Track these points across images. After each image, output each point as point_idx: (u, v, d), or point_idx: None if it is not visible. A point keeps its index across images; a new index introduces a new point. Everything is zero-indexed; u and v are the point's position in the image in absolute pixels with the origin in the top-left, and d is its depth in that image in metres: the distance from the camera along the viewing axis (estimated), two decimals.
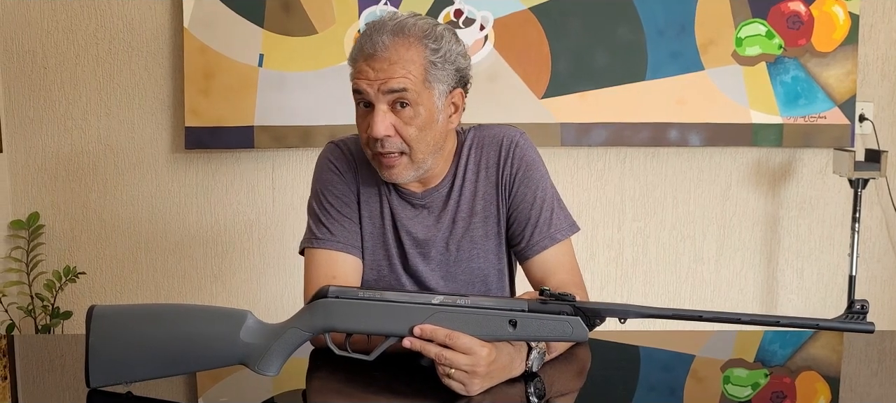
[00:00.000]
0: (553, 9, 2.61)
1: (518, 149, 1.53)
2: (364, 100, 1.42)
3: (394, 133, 1.41)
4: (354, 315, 1.18)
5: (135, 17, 2.62)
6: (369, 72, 1.39)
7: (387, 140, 1.41)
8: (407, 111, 1.40)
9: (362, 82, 1.40)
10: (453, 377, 1.17)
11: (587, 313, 1.18)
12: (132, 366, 1.18)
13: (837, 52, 2.66)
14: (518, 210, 1.53)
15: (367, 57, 1.40)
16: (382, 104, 1.40)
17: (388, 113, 1.40)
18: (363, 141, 1.46)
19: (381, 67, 1.38)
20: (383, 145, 1.41)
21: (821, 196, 2.83)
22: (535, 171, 1.54)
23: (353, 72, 1.43)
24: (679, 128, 2.67)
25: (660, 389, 1.33)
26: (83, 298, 2.73)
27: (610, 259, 2.82)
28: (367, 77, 1.39)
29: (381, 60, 1.38)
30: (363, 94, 1.41)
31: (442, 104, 1.44)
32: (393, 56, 1.38)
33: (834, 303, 2.87)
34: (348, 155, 1.56)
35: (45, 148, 2.67)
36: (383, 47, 1.38)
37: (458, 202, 1.54)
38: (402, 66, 1.38)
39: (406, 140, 1.41)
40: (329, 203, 1.53)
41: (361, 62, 1.41)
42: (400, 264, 1.55)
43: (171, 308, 1.26)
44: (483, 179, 1.54)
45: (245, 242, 2.75)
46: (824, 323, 1.15)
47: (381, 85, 1.38)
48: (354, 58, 1.43)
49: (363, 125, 1.44)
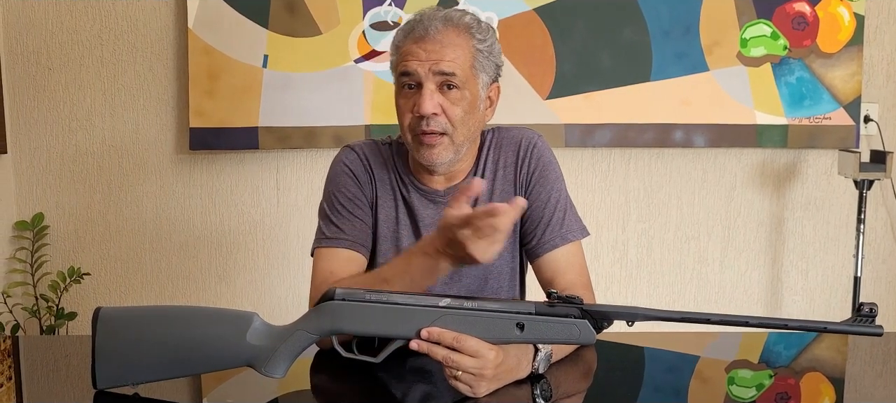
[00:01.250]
0: (558, 10, 2.61)
1: (536, 150, 1.57)
2: (412, 81, 1.46)
3: (440, 112, 1.45)
4: (361, 317, 1.18)
5: (139, 17, 2.62)
6: (420, 53, 1.44)
7: (433, 119, 1.45)
8: (454, 92, 1.45)
9: (412, 62, 1.44)
10: (460, 379, 1.17)
11: (595, 316, 1.18)
12: (138, 368, 1.18)
13: (842, 53, 2.66)
14: (532, 208, 1.56)
15: (417, 39, 1.45)
16: (431, 84, 1.44)
17: (436, 92, 1.45)
18: (405, 123, 1.48)
19: (433, 49, 1.43)
20: (429, 123, 1.45)
21: (826, 197, 2.83)
22: (552, 172, 1.58)
23: (398, 56, 1.48)
24: (684, 129, 2.67)
25: (665, 390, 1.33)
26: (88, 299, 2.73)
27: (614, 260, 2.82)
28: (418, 58, 1.44)
29: (433, 42, 1.44)
30: (412, 75, 1.45)
31: (484, 94, 1.50)
32: (444, 39, 1.44)
33: (839, 305, 2.87)
34: (363, 158, 1.58)
35: (50, 149, 2.67)
36: (436, 30, 1.44)
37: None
38: (452, 49, 1.44)
39: (451, 120, 1.46)
40: (340, 203, 1.55)
41: (411, 44, 1.45)
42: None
43: (177, 310, 1.26)
44: (501, 178, 1.58)
45: (249, 243, 2.75)
46: (833, 326, 1.15)
47: (433, 65, 1.43)
48: (401, 41, 1.48)
49: (408, 105, 1.47)
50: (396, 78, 1.49)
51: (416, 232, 1.56)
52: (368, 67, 2.60)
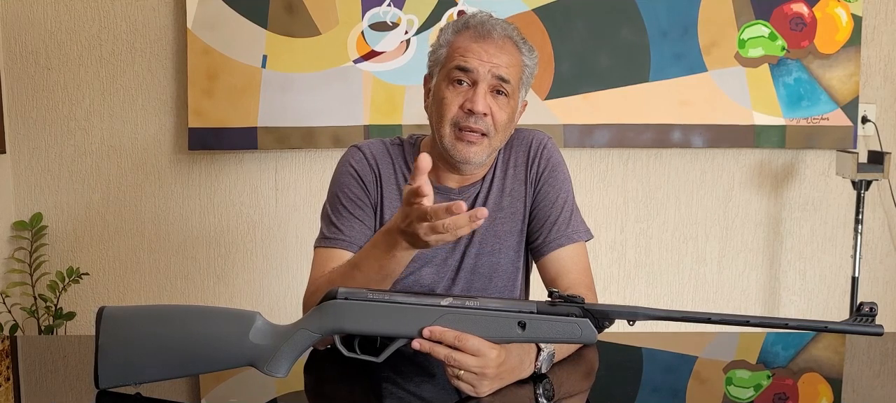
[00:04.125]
0: (556, 10, 2.61)
1: (546, 151, 1.61)
2: (467, 78, 1.48)
3: (489, 113, 1.48)
4: (363, 316, 1.18)
5: (138, 18, 2.62)
6: (482, 53, 1.48)
7: (482, 118, 1.48)
8: (502, 99, 1.50)
9: (473, 60, 1.48)
10: (462, 378, 1.17)
11: (596, 315, 1.18)
12: (141, 368, 1.18)
13: (840, 54, 2.67)
14: (540, 207, 1.59)
15: (478, 37, 1.49)
16: (485, 84, 1.48)
17: (488, 94, 1.48)
18: (448, 116, 1.50)
19: (494, 53, 1.48)
20: (477, 121, 1.48)
21: (823, 197, 2.83)
22: (560, 173, 1.61)
23: (452, 50, 1.50)
24: (682, 130, 2.68)
25: (663, 390, 1.33)
26: (86, 299, 2.73)
27: (613, 260, 2.82)
28: (479, 57, 1.48)
29: (494, 46, 1.49)
30: (471, 73, 1.48)
31: (520, 107, 1.56)
32: (506, 47, 1.50)
33: (837, 305, 2.87)
34: (370, 158, 1.59)
35: (49, 149, 2.67)
36: (499, 37, 1.49)
37: (487, 197, 1.60)
38: (508, 58, 1.50)
39: (496, 123, 1.50)
40: (341, 203, 1.56)
41: (470, 42, 1.49)
42: (419, 257, 1.56)
43: (180, 309, 1.26)
44: (511, 177, 1.60)
45: (248, 243, 2.75)
46: (833, 326, 1.15)
47: (493, 68, 1.48)
48: (454, 36, 1.51)
49: (456, 99, 1.49)
50: (446, 70, 1.51)
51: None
52: (367, 67, 2.61)
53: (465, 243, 1.58)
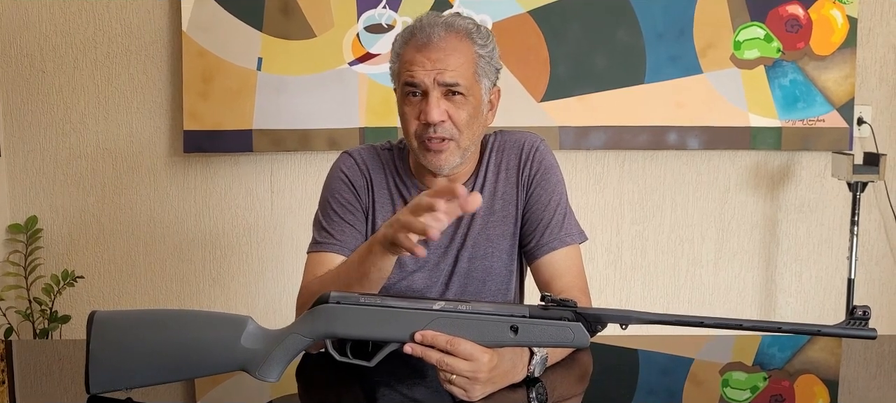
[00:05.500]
0: (552, 12, 2.61)
1: (538, 153, 1.59)
2: (417, 90, 1.46)
3: (447, 118, 1.46)
4: (355, 321, 1.18)
5: (133, 20, 2.62)
6: (425, 61, 1.45)
7: (440, 126, 1.46)
8: (458, 98, 1.47)
9: (418, 72, 1.45)
10: (455, 383, 1.17)
11: (588, 319, 1.18)
12: (132, 372, 1.18)
13: (835, 56, 2.67)
14: (532, 210, 1.58)
15: (419, 47, 1.45)
16: (436, 92, 1.45)
17: (442, 99, 1.46)
18: (411, 130, 1.49)
19: (436, 57, 1.44)
20: (436, 130, 1.46)
21: (819, 199, 2.83)
22: (553, 176, 1.60)
23: (401, 65, 1.48)
24: (678, 132, 2.67)
25: (659, 393, 1.33)
26: (82, 302, 2.72)
27: (608, 262, 2.82)
28: (423, 66, 1.45)
29: (436, 50, 1.45)
30: (418, 85, 1.45)
31: (486, 98, 1.52)
32: (447, 46, 1.45)
33: (833, 306, 2.87)
34: (361, 164, 1.59)
35: (44, 151, 2.67)
36: (439, 38, 1.45)
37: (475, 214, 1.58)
38: (455, 56, 1.45)
39: (457, 124, 1.47)
40: (332, 208, 1.56)
41: (413, 52, 1.46)
42: (411, 262, 1.57)
43: (171, 313, 1.26)
44: (503, 180, 1.59)
45: (243, 246, 2.75)
46: (826, 330, 1.15)
47: (437, 75, 1.44)
48: (402, 49, 1.49)
49: (413, 113, 1.48)
50: (400, 86, 1.50)
51: None
52: (363, 70, 2.60)
53: (457, 247, 1.58)
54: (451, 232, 1.57)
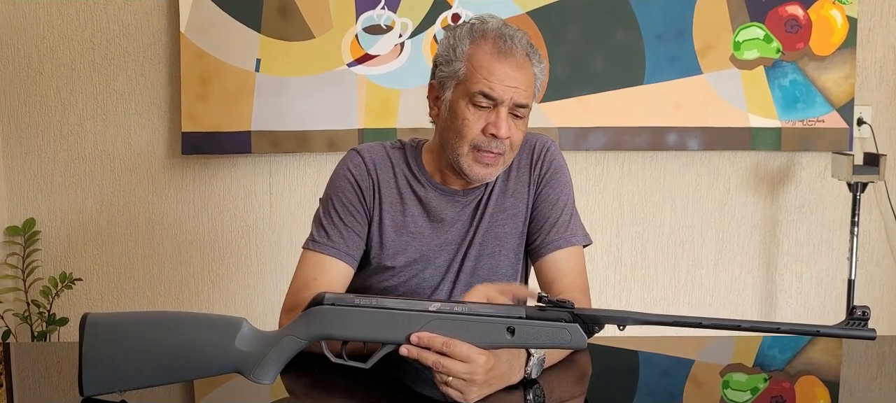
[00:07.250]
0: (551, 13, 2.61)
1: (549, 153, 1.61)
2: (491, 102, 1.46)
3: (509, 136, 1.47)
4: (351, 322, 1.18)
5: (131, 21, 2.61)
6: (505, 77, 1.44)
7: (503, 141, 1.47)
8: (520, 121, 1.49)
9: (498, 86, 1.44)
10: (451, 385, 1.16)
11: (586, 320, 1.17)
12: (126, 375, 1.17)
13: (835, 56, 2.66)
14: (540, 209, 1.59)
15: (500, 55, 1.45)
16: (506, 108, 1.46)
17: (508, 115, 1.47)
18: (469, 137, 1.47)
19: (517, 77, 1.45)
20: (497, 145, 1.47)
21: (819, 200, 2.83)
22: (562, 176, 1.61)
23: (473, 68, 1.45)
24: (677, 133, 2.67)
25: (659, 394, 1.33)
26: (80, 304, 2.71)
27: (608, 263, 2.82)
28: (505, 82, 1.44)
29: (518, 69, 1.45)
30: (495, 99, 1.45)
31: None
32: (525, 66, 1.47)
33: (833, 307, 2.87)
34: (370, 164, 1.58)
35: (41, 153, 2.66)
36: (521, 56, 1.46)
37: (490, 198, 1.59)
38: (527, 78, 1.47)
39: (513, 144, 1.50)
40: (335, 209, 1.55)
41: (494, 63, 1.45)
42: (421, 259, 1.57)
43: (165, 315, 1.25)
44: (514, 179, 1.60)
45: (242, 247, 2.74)
46: (825, 330, 1.14)
47: (515, 95, 1.45)
48: (474, 52, 1.46)
49: (479, 122, 1.47)
50: (467, 90, 1.46)
51: (436, 228, 1.57)
52: (361, 71, 2.60)
53: (466, 245, 1.58)
54: (463, 229, 1.58)
